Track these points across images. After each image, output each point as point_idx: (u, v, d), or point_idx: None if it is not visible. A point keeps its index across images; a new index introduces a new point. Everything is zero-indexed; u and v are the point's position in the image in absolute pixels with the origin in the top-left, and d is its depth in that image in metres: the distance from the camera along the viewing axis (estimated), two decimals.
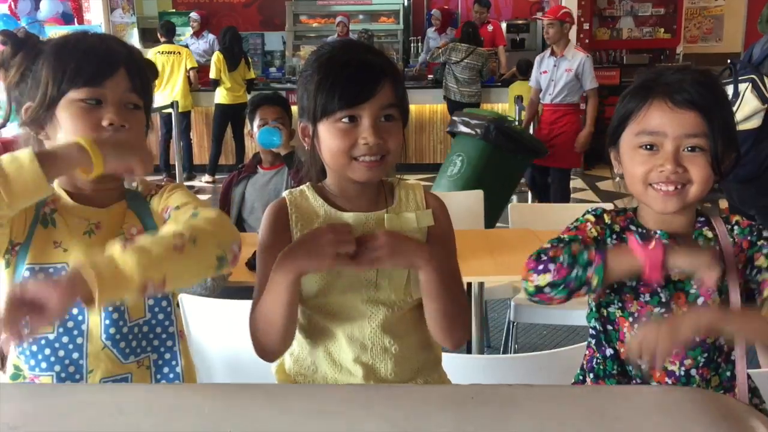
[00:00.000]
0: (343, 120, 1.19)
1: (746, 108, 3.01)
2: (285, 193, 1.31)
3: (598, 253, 1.15)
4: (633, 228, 1.32)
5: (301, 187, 1.32)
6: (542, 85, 5.23)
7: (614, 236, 1.31)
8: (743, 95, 3.01)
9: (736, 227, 1.29)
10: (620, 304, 1.29)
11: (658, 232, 1.28)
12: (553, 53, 5.16)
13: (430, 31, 9.22)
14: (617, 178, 1.33)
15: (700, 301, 1.25)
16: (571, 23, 5.17)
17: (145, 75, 1.27)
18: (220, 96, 7.47)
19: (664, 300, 1.26)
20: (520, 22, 9.38)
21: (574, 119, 5.15)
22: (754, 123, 3.03)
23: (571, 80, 5.05)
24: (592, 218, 1.33)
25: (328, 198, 1.29)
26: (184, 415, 0.73)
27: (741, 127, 2.99)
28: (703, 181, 1.22)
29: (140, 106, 1.25)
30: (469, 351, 2.66)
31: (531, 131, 5.44)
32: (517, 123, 6.02)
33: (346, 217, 1.26)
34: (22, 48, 1.22)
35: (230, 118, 7.55)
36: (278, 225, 1.27)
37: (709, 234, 1.29)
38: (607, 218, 1.33)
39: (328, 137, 1.21)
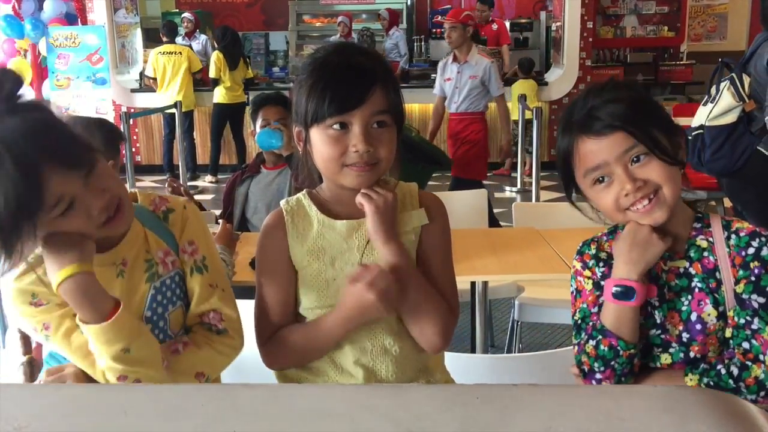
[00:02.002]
0: (334, 127, 1.18)
1: (722, 104, 3.13)
2: (282, 203, 1.32)
3: (608, 336, 1.21)
4: None
5: (297, 195, 1.32)
6: (447, 93, 4.87)
7: (601, 263, 1.30)
8: (722, 92, 3.09)
9: (733, 236, 1.25)
10: None
11: None
12: (455, 59, 4.80)
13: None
14: (599, 214, 1.32)
15: (694, 317, 1.23)
16: (474, 26, 4.83)
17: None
18: (219, 95, 7.46)
19: (659, 321, 1.24)
20: (523, 20, 9.38)
21: (480, 128, 4.83)
22: (729, 119, 3.11)
23: (476, 87, 4.73)
24: (579, 265, 1.33)
25: (323, 205, 1.30)
26: (188, 415, 0.72)
27: (716, 122, 3.10)
28: (668, 180, 1.20)
29: (96, 160, 1.15)
30: (473, 350, 2.66)
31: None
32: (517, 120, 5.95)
33: (338, 225, 1.27)
34: None
35: (229, 117, 7.55)
36: (275, 235, 1.29)
37: (704, 243, 1.25)
38: (593, 248, 1.33)
39: (320, 144, 1.21)
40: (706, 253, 1.25)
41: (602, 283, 1.27)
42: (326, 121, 1.18)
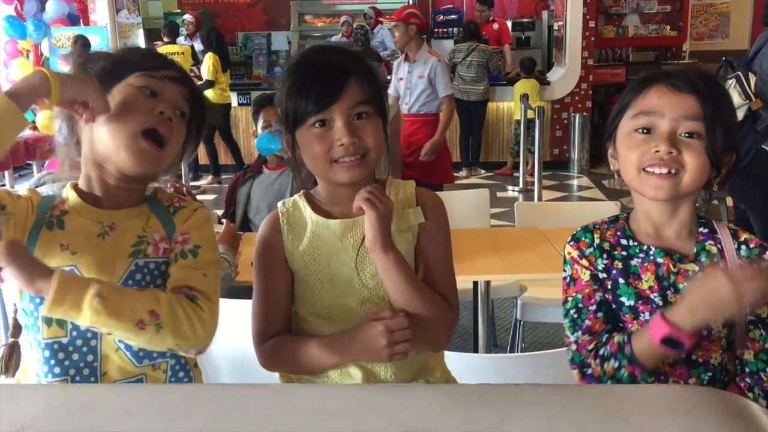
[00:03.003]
0: (316, 125, 1.19)
1: None
2: (279, 204, 1.32)
3: (634, 365, 1.16)
4: (624, 243, 1.27)
5: (294, 196, 1.33)
6: (400, 93, 4.67)
7: (605, 256, 1.27)
8: (728, 90, 3.11)
9: (743, 247, 1.23)
10: (620, 325, 1.26)
11: (653, 249, 1.24)
12: (407, 58, 4.62)
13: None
14: (615, 175, 1.29)
15: None
16: (418, 24, 4.58)
17: (201, 94, 1.33)
18: (211, 96, 7.32)
19: None
20: (525, 20, 9.38)
21: (434, 131, 4.54)
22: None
23: (426, 87, 4.51)
24: (575, 252, 1.29)
25: (318, 206, 1.30)
26: (191, 415, 0.73)
27: None
28: (697, 170, 1.17)
29: (186, 114, 1.27)
30: (475, 350, 2.66)
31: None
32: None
33: (333, 225, 1.27)
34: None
35: (220, 118, 7.51)
36: (271, 237, 1.29)
37: (713, 249, 1.23)
38: (596, 237, 1.29)
39: (306, 144, 1.22)
40: (716, 259, 1.22)
41: (601, 276, 1.26)
42: (308, 120, 1.20)
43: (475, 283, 2.55)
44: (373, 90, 1.23)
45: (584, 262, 1.28)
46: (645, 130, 1.21)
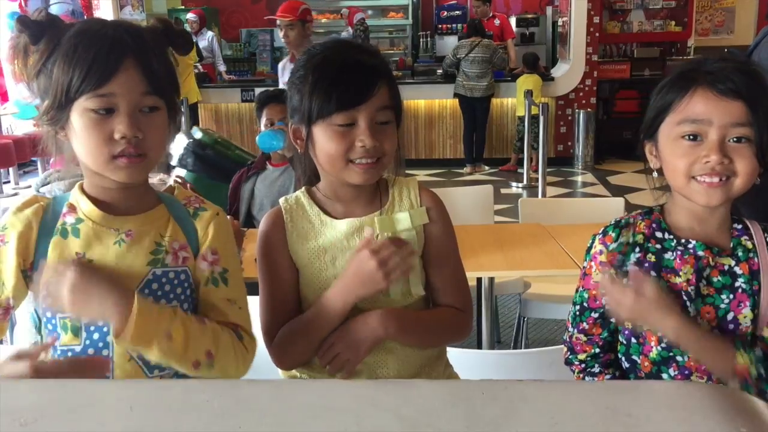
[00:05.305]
0: (339, 123, 1.18)
1: None
2: (281, 201, 1.31)
3: None
4: (659, 235, 1.26)
5: (296, 193, 1.32)
6: None
7: (637, 249, 1.26)
8: None
9: None
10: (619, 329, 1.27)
11: (692, 242, 1.23)
12: (293, 59, 4.10)
13: None
14: (654, 173, 1.27)
15: (730, 316, 1.20)
16: (311, 21, 4.16)
17: (166, 67, 1.16)
18: None
19: (691, 313, 1.20)
20: (529, 16, 9.38)
21: None
22: None
23: None
24: (599, 246, 1.29)
25: (322, 203, 1.29)
26: (194, 411, 0.73)
27: None
28: (748, 174, 1.17)
29: (156, 105, 1.14)
30: (479, 346, 2.65)
31: None
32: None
33: (339, 224, 1.27)
34: (44, 34, 1.13)
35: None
36: (275, 234, 1.29)
37: (749, 244, 1.23)
38: (626, 233, 1.27)
39: (324, 140, 1.20)
40: (751, 254, 1.23)
41: (629, 269, 1.25)
42: (332, 117, 1.18)
43: (479, 280, 2.54)
44: (396, 95, 1.23)
45: (602, 257, 1.28)
46: (692, 137, 1.19)
